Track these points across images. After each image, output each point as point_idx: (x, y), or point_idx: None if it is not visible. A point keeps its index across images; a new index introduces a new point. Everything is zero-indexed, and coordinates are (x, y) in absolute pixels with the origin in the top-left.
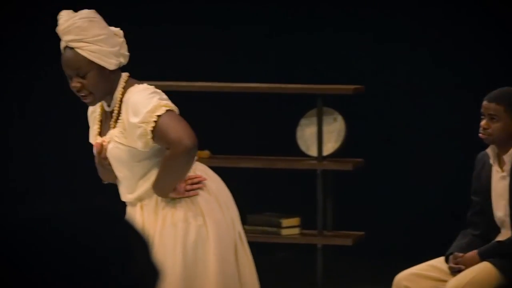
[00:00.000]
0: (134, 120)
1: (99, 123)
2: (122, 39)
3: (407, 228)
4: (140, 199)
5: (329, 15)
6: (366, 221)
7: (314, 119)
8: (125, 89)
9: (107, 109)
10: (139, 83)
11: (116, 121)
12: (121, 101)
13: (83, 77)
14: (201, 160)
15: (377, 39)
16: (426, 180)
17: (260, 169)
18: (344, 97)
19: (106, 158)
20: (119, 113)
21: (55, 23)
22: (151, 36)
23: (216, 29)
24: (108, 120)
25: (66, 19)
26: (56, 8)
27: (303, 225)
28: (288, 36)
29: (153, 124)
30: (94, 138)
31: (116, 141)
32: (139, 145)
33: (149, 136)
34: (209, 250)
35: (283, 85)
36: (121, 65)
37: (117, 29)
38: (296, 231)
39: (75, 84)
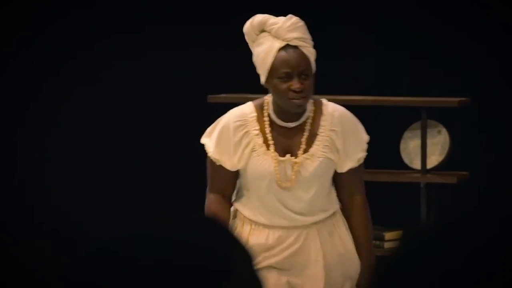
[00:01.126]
0: (357, 143)
1: (272, 140)
2: None
3: None
4: (318, 221)
5: (434, 26)
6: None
7: (418, 132)
8: (315, 103)
9: (288, 124)
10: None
11: (311, 136)
12: (313, 114)
13: (304, 79)
14: None
15: (483, 50)
16: None
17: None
18: (449, 110)
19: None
20: (311, 127)
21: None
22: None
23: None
24: (286, 135)
25: (286, 18)
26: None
27: None
28: (392, 47)
29: (364, 157)
30: (260, 154)
31: (326, 157)
32: (344, 166)
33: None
34: None
35: (387, 98)
36: None
37: None
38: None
39: (298, 85)
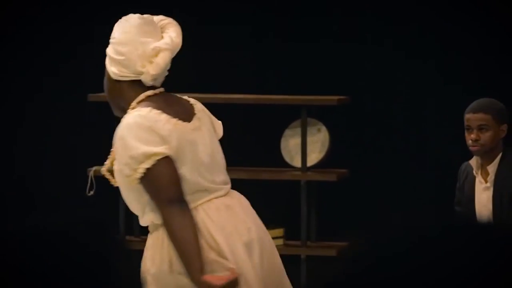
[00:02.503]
0: (118, 157)
1: None
2: (159, 55)
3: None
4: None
5: (314, 24)
6: (350, 232)
7: (298, 130)
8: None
9: None
10: (147, 106)
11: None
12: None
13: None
14: None
15: (362, 49)
16: (410, 191)
17: (244, 180)
18: (329, 108)
19: None
20: None
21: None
22: None
23: (200, 38)
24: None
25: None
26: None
27: (287, 236)
28: (271, 46)
29: (140, 175)
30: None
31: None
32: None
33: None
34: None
35: (267, 96)
36: (149, 81)
37: (163, 42)
38: (280, 241)
39: None
